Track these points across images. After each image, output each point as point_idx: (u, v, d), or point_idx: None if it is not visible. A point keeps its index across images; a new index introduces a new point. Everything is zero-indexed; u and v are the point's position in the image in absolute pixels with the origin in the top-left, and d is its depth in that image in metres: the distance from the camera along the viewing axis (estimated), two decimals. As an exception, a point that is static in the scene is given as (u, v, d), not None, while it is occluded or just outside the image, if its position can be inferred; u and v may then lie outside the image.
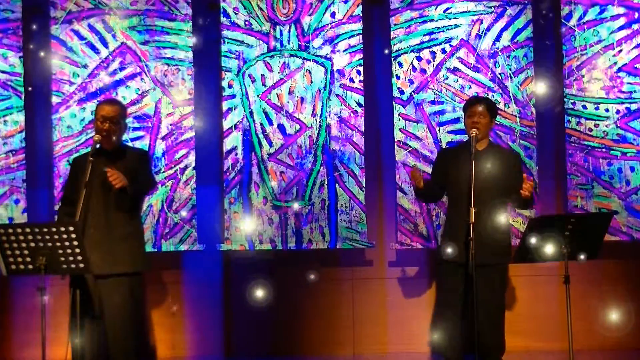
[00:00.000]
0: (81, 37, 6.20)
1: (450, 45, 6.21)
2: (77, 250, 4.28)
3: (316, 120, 6.20)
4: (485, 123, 5.01)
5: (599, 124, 6.14)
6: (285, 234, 6.16)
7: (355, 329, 6.28)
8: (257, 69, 6.23)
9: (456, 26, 6.21)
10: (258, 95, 6.22)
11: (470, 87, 6.17)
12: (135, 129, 6.14)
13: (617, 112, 6.13)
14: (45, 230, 4.26)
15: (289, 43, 6.24)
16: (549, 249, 4.61)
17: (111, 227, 4.79)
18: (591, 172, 6.13)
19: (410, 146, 6.18)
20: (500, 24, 6.20)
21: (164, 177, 6.13)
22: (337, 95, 6.21)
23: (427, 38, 6.22)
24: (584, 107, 6.15)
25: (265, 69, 6.23)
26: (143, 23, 6.22)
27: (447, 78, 6.19)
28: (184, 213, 6.11)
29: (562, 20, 6.18)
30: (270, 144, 6.21)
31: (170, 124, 6.20)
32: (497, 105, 6.00)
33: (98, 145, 4.82)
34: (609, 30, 6.16)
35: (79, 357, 4.70)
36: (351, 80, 6.21)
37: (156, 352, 6.18)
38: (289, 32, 6.24)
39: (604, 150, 6.13)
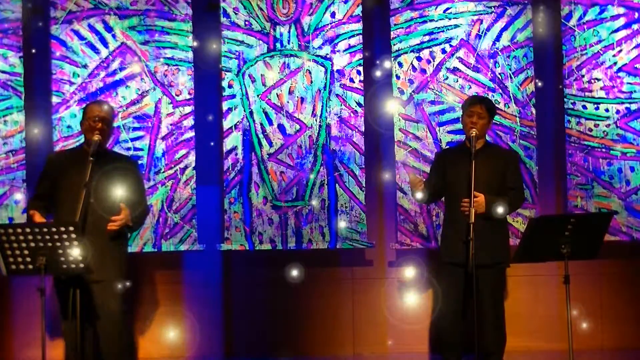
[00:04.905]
0: (81, 37, 6.20)
1: (450, 45, 6.21)
2: (77, 251, 4.28)
3: (316, 120, 6.20)
4: (483, 124, 5.03)
5: (599, 124, 6.14)
6: (285, 234, 6.16)
7: (355, 329, 6.28)
8: (257, 69, 6.23)
9: (456, 26, 6.21)
10: (258, 95, 6.22)
11: (470, 87, 6.17)
12: (135, 129, 6.15)
13: (617, 112, 6.13)
14: (45, 230, 4.26)
15: (289, 43, 6.23)
16: (549, 249, 4.60)
17: (102, 231, 4.74)
18: (591, 172, 6.13)
19: (410, 146, 6.17)
20: (500, 24, 6.19)
21: (164, 177, 6.13)
22: (337, 95, 6.21)
23: (427, 38, 6.22)
24: (584, 107, 6.15)
25: (265, 69, 6.23)
26: (143, 23, 6.22)
27: (447, 78, 6.19)
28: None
29: (562, 20, 6.19)
30: (270, 144, 6.21)
31: (170, 124, 6.19)
32: (497, 105, 6.02)
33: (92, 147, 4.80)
34: (609, 30, 6.16)
35: (72, 358, 4.69)
36: (351, 80, 6.21)
37: (155, 352, 6.18)
38: (289, 32, 6.24)
39: (604, 150, 6.13)
